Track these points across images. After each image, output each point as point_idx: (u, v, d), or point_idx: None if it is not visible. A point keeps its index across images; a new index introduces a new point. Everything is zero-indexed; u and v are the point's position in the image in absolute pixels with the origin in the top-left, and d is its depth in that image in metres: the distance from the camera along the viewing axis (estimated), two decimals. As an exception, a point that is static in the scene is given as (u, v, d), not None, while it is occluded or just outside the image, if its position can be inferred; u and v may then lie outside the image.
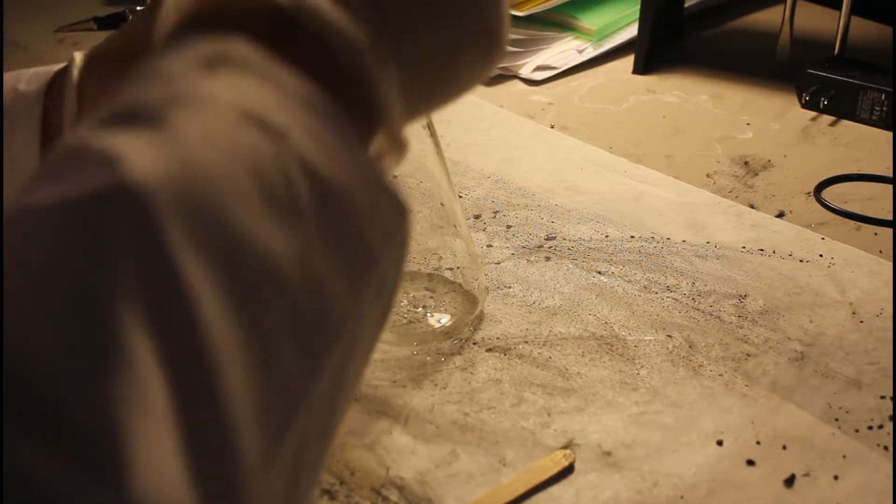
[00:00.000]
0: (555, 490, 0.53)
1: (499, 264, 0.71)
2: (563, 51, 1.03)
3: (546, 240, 0.74)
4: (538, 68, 1.00)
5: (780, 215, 0.77)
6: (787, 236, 0.74)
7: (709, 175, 0.83)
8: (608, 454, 0.55)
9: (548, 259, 0.72)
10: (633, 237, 0.74)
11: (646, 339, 0.64)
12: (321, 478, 0.53)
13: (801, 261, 0.71)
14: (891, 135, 0.87)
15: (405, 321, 0.64)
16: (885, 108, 0.88)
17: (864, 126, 0.89)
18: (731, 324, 0.65)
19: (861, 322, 0.65)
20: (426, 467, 0.54)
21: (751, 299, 0.67)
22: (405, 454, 0.55)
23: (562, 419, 0.57)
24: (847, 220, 0.76)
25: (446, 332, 0.64)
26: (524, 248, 0.73)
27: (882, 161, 0.84)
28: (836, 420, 0.57)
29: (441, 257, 0.66)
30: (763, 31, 1.07)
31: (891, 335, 0.63)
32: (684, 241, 0.73)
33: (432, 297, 0.65)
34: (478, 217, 0.77)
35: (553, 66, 1.01)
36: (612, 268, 0.70)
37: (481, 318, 0.65)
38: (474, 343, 0.63)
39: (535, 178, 0.82)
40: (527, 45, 1.03)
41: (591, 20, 1.05)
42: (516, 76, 1.00)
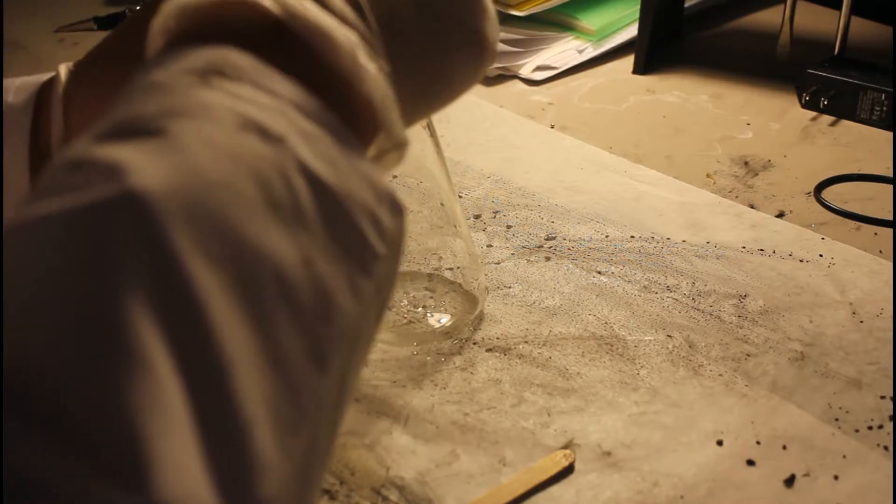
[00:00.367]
0: (555, 490, 0.53)
1: (499, 264, 0.71)
2: (563, 51, 1.03)
3: (546, 240, 0.74)
4: (538, 68, 1.00)
5: (780, 215, 0.77)
6: (787, 236, 0.74)
7: (709, 175, 0.83)
8: (608, 454, 0.55)
9: (548, 259, 0.72)
10: (633, 237, 0.74)
11: (646, 339, 0.64)
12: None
13: (801, 261, 0.71)
14: (891, 135, 0.87)
15: (405, 321, 0.64)
16: (885, 108, 0.88)
17: (864, 126, 0.89)
18: (731, 324, 0.65)
19: (861, 322, 0.65)
20: (426, 467, 0.54)
21: (751, 299, 0.67)
22: (405, 454, 0.55)
23: (562, 419, 0.57)
24: (847, 220, 0.76)
25: (446, 332, 0.64)
26: (524, 248, 0.73)
27: (882, 161, 0.84)
28: (836, 420, 0.57)
29: (441, 257, 0.66)
30: (763, 31, 1.07)
31: (891, 335, 0.63)
32: (684, 241, 0.73)
33: (432, 297, 0.65)
34: (478, 217, 0.77)
35: (553, 66, 1.01)
36: (612, 268, 0.70)
37: (481, 318, 0.65)
38: (474, 343, 0.63)
39: (535, 178, 0.82)
40: (527, 45, 1.03)
41: (591, 20, 1.05)
42: (516, 76, 1.00)
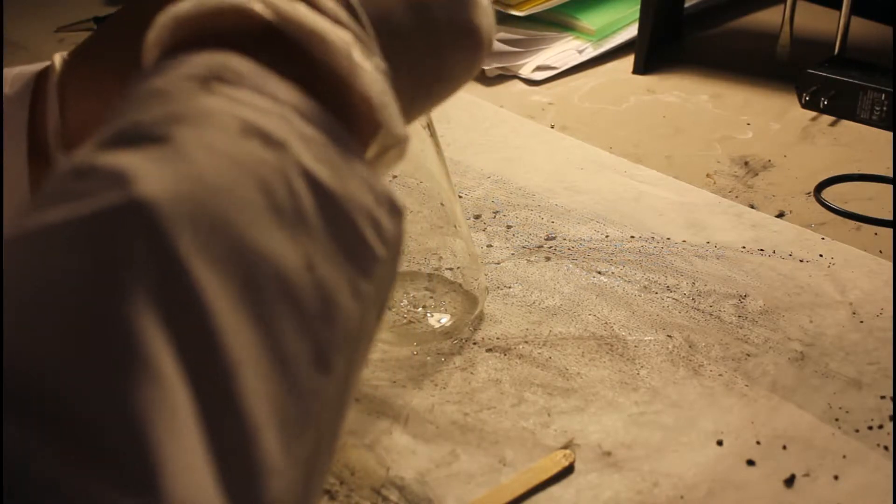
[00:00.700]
0: (555, 490, 0.53)
1: (499, 264, 0.71)
2: (563, 51, 1.03)
3: (546, 240, 0.74)
4: (538, 68, 1.00)
5: (780, 215, 0.77)
6: (787, 236, 0.74)
7: (709, 175, 0.83)
8: (608, 454, 0.55)
9: (548, 259, 0.72)
10: (633, 237, 0.74)
11: (646, 339, 0.64)
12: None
13: (801, 261, 0.71)
14: (891, 135, 0.87)
15: (405, 321, 0.64)
16: (885, 108, 0.88)
17: (864, 126, 0.89)
18: (731, 324, 0.65)
19: (861, 322, 0.65)
20: (426, 467, 0.54)
21: (751, 299, 0.67)
22: (405, 454, 0.55)
23: (562, 419, 0.57)
24: (847, 220, 0.76)
25: (446, 332, 0.64)
26: (524, 248, 0.73)
27: (882, 161, 0.84)
28: (836, 420, 0.57)
29: (441, 257, 0.66)
30: (763, 31, 1.07)
31: (891, 335, 0.63)
32: (684, 241, 0.73)
33: (432, 297, 0.65)
34: (478, 217, 0.77)
35: (553, 66, 1.01)
36: (612, 268, 0.70)
37: (481, 318, 0.65)
38: (474, 343, 0.63)
39: (535, 178, 0.82)
40: (527, 45, 1.03)
41: (591, 20, 1.05)
42: (516, 76, 1.00)
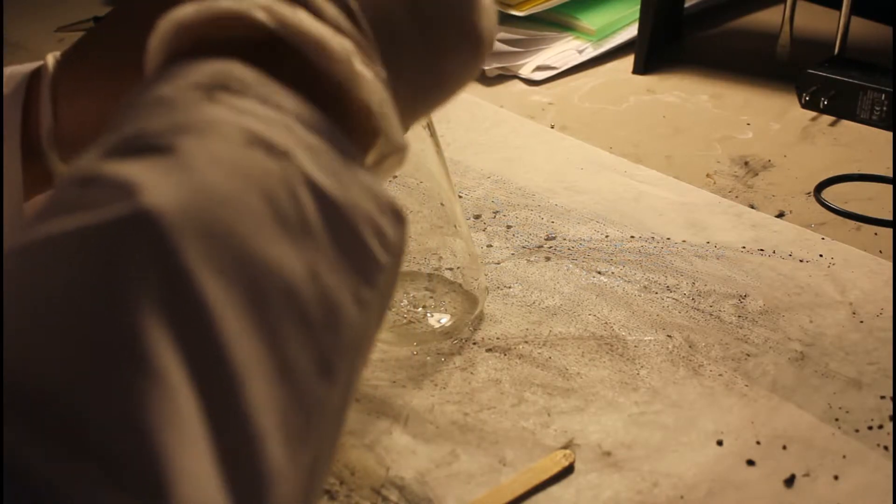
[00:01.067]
0: (555, 490, 0.53)
1: (499, 264, 0.71)
2: (563, 51, 1.03)
3: (546, 240, 0.74)
4: (538, 68, 1.00)
5: (780, 215, 0.77)
6: (787, 236, 0.74)
7: (709, 175, 0.83)
8: (608, 454, 0.55)
9: (548, 259, 0.72)
10: (633, 237, 0.74)
11: (646, 339, 0.64)
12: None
13: (801, 261, 0.71)
14: (891, 135, 0.87)
15: (405, 321, 0.64)
16: (885, 108, 0.88)
17: (864, 126, 0.89)
18: (731, 324, 0.65)
19: (861, 322, 0.65)
20: (426, 467, 0.54)
21: (751, 299, 0.67)
22: (405, 454, 0.55)
23: (562, 419, 0.57)
24: (847, 220, 0.76)
25: (446, 332, 0.64)
26: (524, 248, 0.73)
27: (882, 161, 0.84)
28: (836, 420, 0.57)
29: (441, 257, 0.66)
30: (763, 31, 1.07)
31: (891, 335, 0.63)
32: (684, 241, 0.73)
33: (432, 297, 0.65)
34: (478, 217, 0.77)
35: (553, 66, 1.01)
36: (612, 268, 0.70)
37: (481, 318, 0.65)
38: (474, 343, 0.63)
39: (535, 178, 0.82)
40: (527, 45, 1.03)
41: (591, 20, 1.05)
42: (516, 76, 1.00)
